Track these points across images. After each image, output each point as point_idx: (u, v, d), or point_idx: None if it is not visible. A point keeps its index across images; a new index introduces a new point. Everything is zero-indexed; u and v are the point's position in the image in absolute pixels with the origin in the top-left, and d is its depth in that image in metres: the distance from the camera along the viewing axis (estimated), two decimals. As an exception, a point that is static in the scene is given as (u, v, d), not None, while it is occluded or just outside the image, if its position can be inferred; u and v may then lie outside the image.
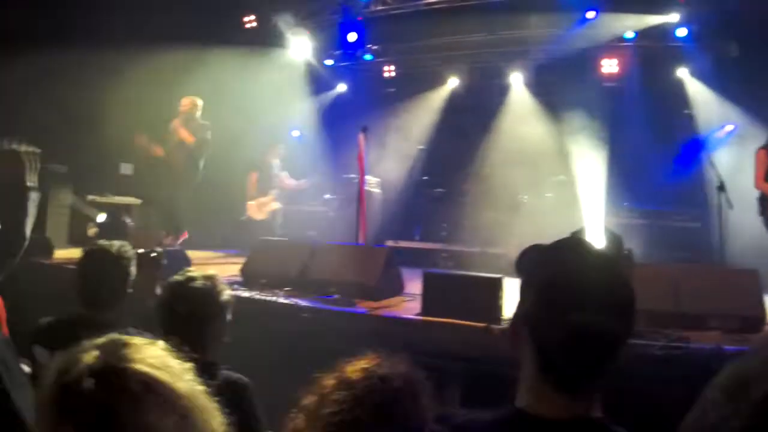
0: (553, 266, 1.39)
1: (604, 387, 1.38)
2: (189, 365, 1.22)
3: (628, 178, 9.12)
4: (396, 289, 6.06)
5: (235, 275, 6.35)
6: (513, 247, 7.92)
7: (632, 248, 5.27)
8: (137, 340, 1.19)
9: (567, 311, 1.29)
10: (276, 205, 9.56)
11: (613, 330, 1.31)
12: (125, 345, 1.15)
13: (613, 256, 1.39)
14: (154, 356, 1.15)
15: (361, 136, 7.75)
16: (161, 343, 1.23)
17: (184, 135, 8.27)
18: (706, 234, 7.93)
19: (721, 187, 6.37)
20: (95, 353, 1.11)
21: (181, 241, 8.32)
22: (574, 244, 1.50)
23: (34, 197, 2.77)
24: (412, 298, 5.73)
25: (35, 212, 2.78)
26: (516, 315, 1.43)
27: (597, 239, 4.63)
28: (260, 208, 9.44)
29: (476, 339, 4.49)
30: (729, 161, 9.28)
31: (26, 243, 2.75)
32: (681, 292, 4.97)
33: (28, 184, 2.73)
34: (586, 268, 1.36)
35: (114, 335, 1.19)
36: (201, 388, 1.20)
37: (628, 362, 1.39)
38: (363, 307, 5.39)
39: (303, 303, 5.39)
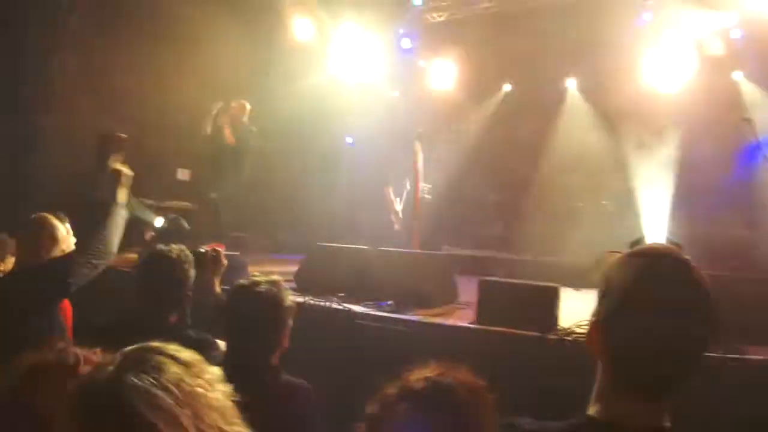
0: (635, 272, 1.36)
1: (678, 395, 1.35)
2: (217, 374, 1.22)
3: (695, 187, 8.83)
4: (451, 296, 6.02)
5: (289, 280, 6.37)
6: (568, 255, 7.82)
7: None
8: (168, 351, 1.18)
9: (648, 317, 1.28)
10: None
11: (694, 337, 1.31)
12: (144, 359, 1.14)
13: (692, 262, 1.36)
14: (171, 372, 1.13)
15: (416, 143, 7.74)
16: (188, 355, 1.21)
17: (228, 134, 8.42)
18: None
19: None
20: (111, 365, 1.11)
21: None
22: (655, 250, 1.45)
23: (123, 214, 2.86)
24: (465, 306, 5.68)
25: (123, 229, 2.87)
26: (593, 323, 1.41)
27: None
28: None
29: (530, 349, 4.42)
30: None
31: (111, 257, 2.84)
32: (739, 304, 4.80)
33: (120, 201, 2.83)
34: (666, 274, 1.34)
35: (146, 345, 1.18)
36: (228, 403, 1.19)
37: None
38: (417, 315, 5.35)
39: (357, 309, 5.37)
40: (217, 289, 3.88)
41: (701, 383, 3.91)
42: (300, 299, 5.61)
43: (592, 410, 1.38)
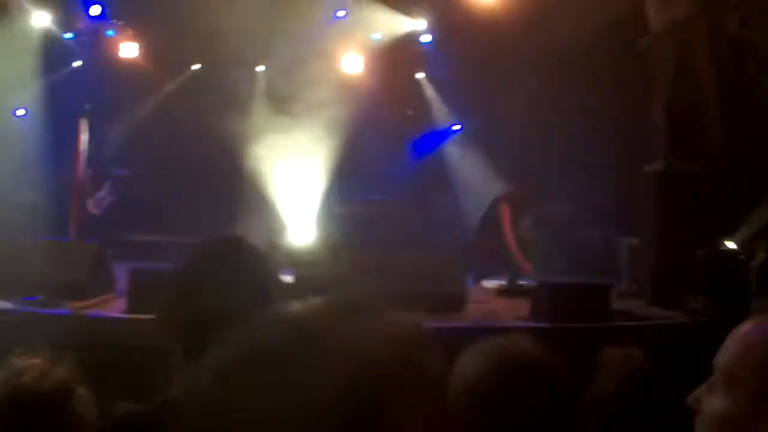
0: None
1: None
2: None
3: (359, 171, 9.57)
4: (108, 286, 5.66)
5: None
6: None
7: (345, 236, 5.44)
8: None
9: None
10: None
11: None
12: None
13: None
14: None
15: (81, 122, 7.17)
16: None
17: None
18: (426, 222, 8.52)
19: (435, 181, 6.77)
20: None
21: None
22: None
23: None
24: (122, 295, 5.39)
25: None
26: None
27: (306, 231, 4.69)
28: None
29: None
30: (455, 155, 10.19)
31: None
32: (386, 276, 5.24)
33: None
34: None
35: None
36: None
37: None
38: (69, 307, 5.00)
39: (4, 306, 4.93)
40: None
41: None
42: None
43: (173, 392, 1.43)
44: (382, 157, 10.12)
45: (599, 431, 2.33)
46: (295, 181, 7.49)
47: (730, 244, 6.68)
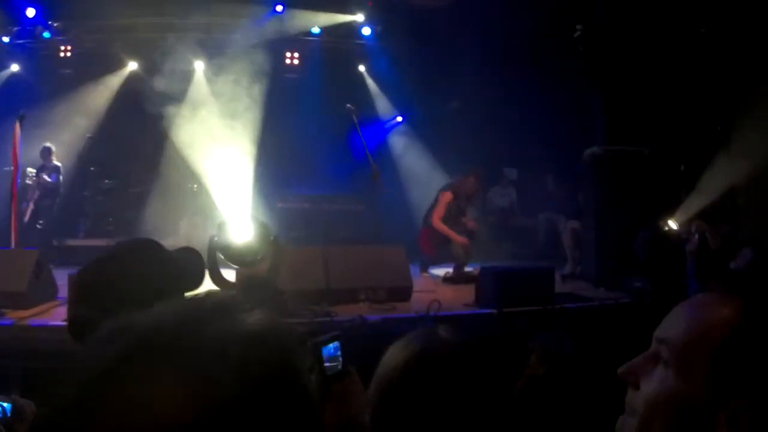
0: None
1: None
2: None
3: (302, 166, 9.60)
4: (49, 294, 5.54)
5: None
6: (182, 238, 7.79)
7: (288, 232, 5.43)
8: None
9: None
10: None
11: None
12: None
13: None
14: None
15: (17, 125, 6.98)
16: None
17: None
18: (370, 216, 8.57)
19: (376, 175, 6.80)
20: None
21: None
22: None
23: None
24: (64, 302, 5.29)
25: None
26: None
27: (244, 228, 4.67)
28: None
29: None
30: (398, 147, 10.28)
31: None
32: (332, 271, 5.26)
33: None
34: None
35: None
36: None
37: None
38: (11, 317, 4.88)
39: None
40: None
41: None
42: None
43: None
44: (324, 151, 10.18)
45: (533, 413, 2.39)
46: (235, 178, 7.42)
47: (672, 225, 6.86)
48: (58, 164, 9.41)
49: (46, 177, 9.09)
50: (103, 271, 1.56)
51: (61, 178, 9.40)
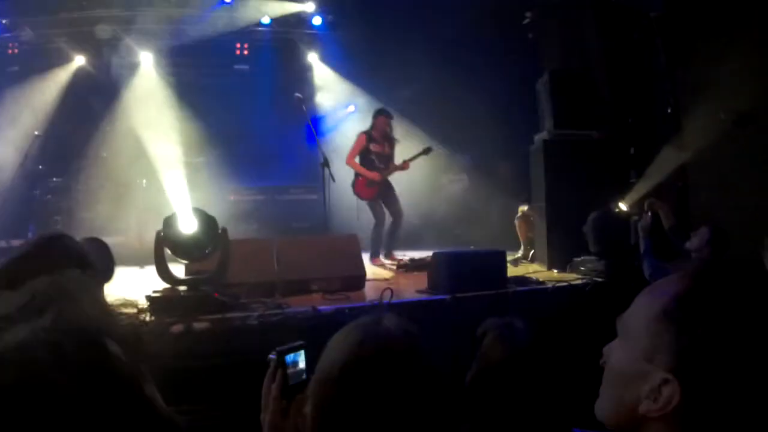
0: None
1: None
2: None
3: (254, 157, 9.51)
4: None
5: None
6: (134, 234, 7.61)
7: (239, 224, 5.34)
8: None
9: None
10: None
11: None
12: None
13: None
14: None
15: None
16: None
17: None
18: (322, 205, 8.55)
19: (325, 163, 6.75)
20: None
21: None
22: None
23: None
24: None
25: None
26: None
27: (190, 222, 4.57)
28: None
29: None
30: (350, 137, 10.22)
31: None
32: (284, 262, 5.19)
33: None
34: None
35: None
36: None
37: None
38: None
39: None
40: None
41: (244, 342, 4.13)
42: None
43: None
44: (276, 142, 10.09)
45: (486, 402, 2.35)
46: (185, 171, 7.28)
47: (623, 206, 6.94)
48: None
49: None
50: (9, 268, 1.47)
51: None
